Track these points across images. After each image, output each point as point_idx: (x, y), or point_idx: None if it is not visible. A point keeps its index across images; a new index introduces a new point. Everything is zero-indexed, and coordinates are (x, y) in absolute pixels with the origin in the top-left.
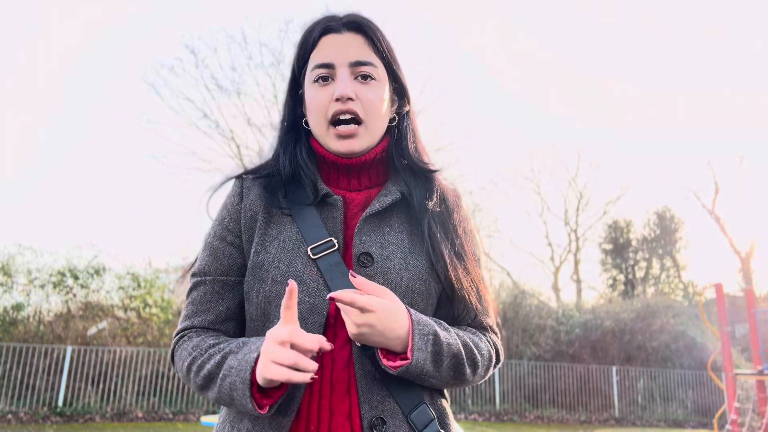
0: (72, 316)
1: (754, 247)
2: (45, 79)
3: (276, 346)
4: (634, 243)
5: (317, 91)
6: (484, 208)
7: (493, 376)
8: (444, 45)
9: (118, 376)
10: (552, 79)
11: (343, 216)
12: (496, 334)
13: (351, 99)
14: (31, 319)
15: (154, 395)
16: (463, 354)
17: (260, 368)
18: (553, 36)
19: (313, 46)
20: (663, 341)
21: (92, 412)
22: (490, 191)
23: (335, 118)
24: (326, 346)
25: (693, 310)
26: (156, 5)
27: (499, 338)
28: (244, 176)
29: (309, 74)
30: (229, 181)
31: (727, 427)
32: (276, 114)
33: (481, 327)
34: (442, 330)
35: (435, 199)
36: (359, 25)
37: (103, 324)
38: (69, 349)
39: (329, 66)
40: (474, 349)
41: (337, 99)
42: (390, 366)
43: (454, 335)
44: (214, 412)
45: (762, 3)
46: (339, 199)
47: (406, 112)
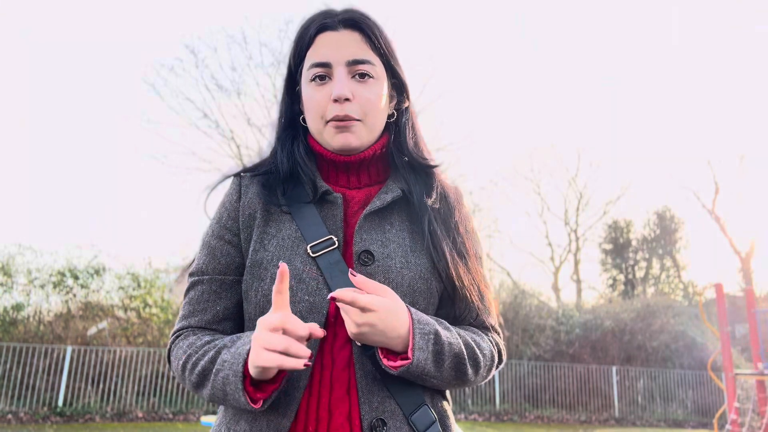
0: (72, 316)
1: (754, 247)
2: (45, 78)
3: (267, 333)
4: (634, 243)
5: (314, 90)
6: (484, 208)
7: (493, 376)
8: (444, 45)
9: (118, 376)
10: (552, 79)
11: (343, 214)
12: (498, 333)
13: (348, 99)
14: (31, 319)
15: (154, 395)
16: (464, 354)
17: (252, 357)
18: (554, 35)
19: (309, 44)
20: (663, 341)
21: (92, 412)
22: (490, 191)
23: (333, 120)
24: (318, 333)
25: (693, 310)
26: (156, 5)
27: (501, 338)
28: (242, 174)
29: (306, 73)
30: (227, 179)
31: (727, 427)
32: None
33: (483, 326)
34: (443, 329)
35: (435, 196)
36: (356, 22)
37: (103, 324)
38: (69, 349)
39: (326, 65)
40: (476, 348)
41: (334, 100)
42: (390, 366)
43: (455, 334)
44: (213, 412)
45: (762, 3)
46: (339, 196)
47: (405, 108)
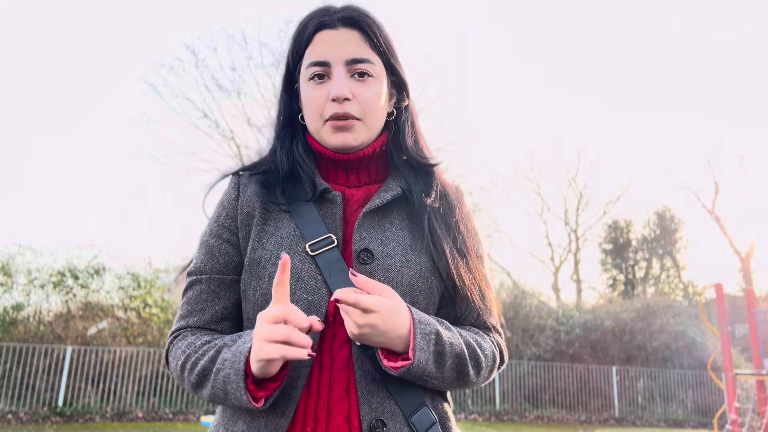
0: (72, 316)
1: (754, 247)
2: (45, 78)
3: (268, 325)
4: (634, 243)
5: (313, 89)
6: (484, 208)
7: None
8: (444, 44)
9: (118, 376)
10: (552, 78)
11: (343, 212)
12: (500, 334)
13: (348, 99)
14: (31, 319)
15: (154, 395)
16: (466, 354)
17: (254, 352)
18: (554, 35)
19: (308, 42)
20: (663, 341)
21: (92, 412)
22: (490, 191)
23: (332, 119)
24: (317, 326)
25: (693, 310)
26: (156, 5)
27: (503, 338)
28: (240, 173)
29: (304, 71)
30: (225, 178)
31: (727, 427)
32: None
33: (484, 327)
34: (444, 329)
35: (435, 194)
36: (355, 20)
37: (103, 324)
38: (69, 349)
39: (325, 64)
40: (477, 349)
41: (333, 100)
42: (391, 367)
43: (456, 334)
44: (213, 412)
45: (762, 3)
46: (338, 195)
47: (405, 106)
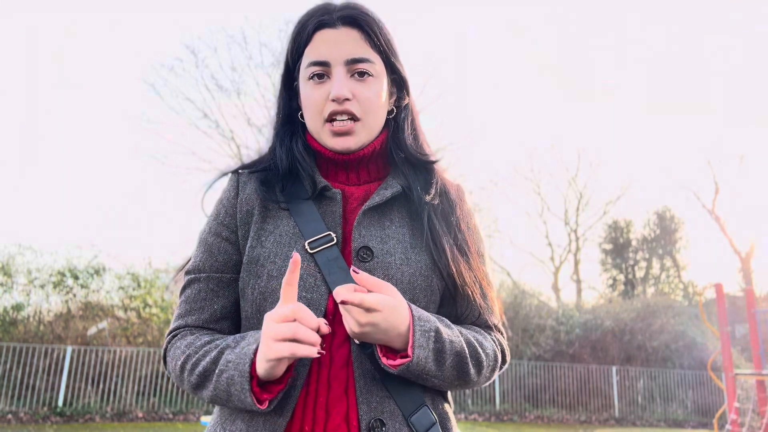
0: (72, 316)
1: (754, 247)
2: (45, 78)
3: (276, 324)
4: (634, 243)
5: (313, 89)
6: (484, 208)
7: None
8: (444, 44)
9: (118, 376)
10: (552, 78)
11: (342, 210)
12: (501, 333)
13: (348, 99)
14: (31, 319)
15: (154, 395)
16: (466, 352)
17: (262, 352)
18: (554, 35)
19: (307, 41)
20: (663, 341)
21: (92, 412)
22: (490, 191)
23: (331, 117)
24: (325, 329)
25: (693, 310)
26: (156, 5)
27: (504, 338)
28: (240, 171)
29: (304, 70)
30: (224, 176)
31: (727, 427)
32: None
33: (485, 326)
34: (444, 327)
35: (434, 191)
36: (355, 19)
37: (103, 324)
38: (69, 349)
39: (324, 64)
40: (478, 348)
41: (333, 100)
42: (390, 365)
43: (456, 332)
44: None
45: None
46: (338, 192)
47: (405, 104)
